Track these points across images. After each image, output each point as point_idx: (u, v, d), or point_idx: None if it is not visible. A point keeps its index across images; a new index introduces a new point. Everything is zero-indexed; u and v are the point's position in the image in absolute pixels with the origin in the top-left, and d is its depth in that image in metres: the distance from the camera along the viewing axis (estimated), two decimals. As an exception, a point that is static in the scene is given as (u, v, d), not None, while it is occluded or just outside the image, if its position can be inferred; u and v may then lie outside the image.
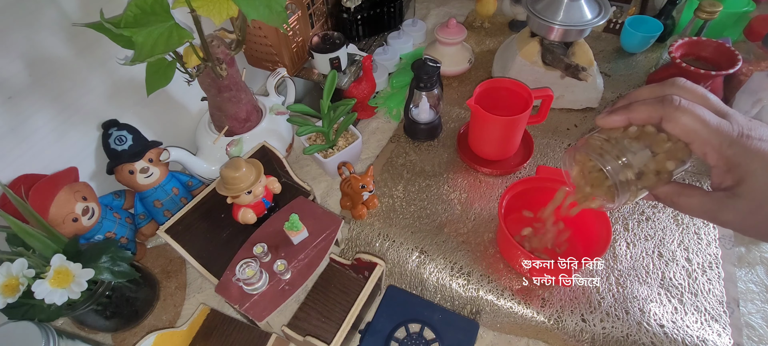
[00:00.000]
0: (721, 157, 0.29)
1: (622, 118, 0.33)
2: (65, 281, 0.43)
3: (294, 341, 0.49)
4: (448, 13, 1.03)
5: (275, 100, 0.69)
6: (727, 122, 0.29)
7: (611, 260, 0.55)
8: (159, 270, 0.61)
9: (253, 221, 0.55)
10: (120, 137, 0.57)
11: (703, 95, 0.31)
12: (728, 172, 0.29)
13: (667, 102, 0.30)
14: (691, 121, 0.29)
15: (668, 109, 0.30)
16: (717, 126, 0.29)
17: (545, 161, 0.68)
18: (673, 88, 0.32)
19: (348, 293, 0.55)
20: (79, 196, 0.52)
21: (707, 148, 0.29)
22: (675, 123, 0.30)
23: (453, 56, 0.81)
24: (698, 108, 0.29)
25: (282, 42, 0.72)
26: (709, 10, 0.71)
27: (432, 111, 0.68)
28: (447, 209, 0.62)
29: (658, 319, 0.50)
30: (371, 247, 0.60)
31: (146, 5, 0.39)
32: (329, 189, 0.68)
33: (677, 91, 0.31)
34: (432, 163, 0.69)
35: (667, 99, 0.30)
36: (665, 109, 0.30)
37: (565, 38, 0.66)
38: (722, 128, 0.29)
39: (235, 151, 0.62)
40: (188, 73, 0.51)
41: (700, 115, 0.29)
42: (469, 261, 0.56)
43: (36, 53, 0.49)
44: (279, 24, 0.42)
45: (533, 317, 0.51)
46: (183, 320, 0.57)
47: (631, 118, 0.32)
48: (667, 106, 0.30)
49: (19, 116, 0.49)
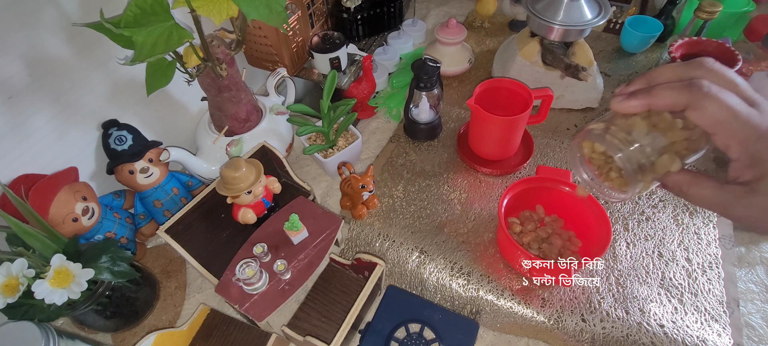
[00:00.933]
0: (746, 152, 0.27)
1: (641, 103, 0.29)
2: (65, 281, 0.43)
3: (294, 341, 0.49)
4: (448, 13, 1.03)
5: (275, 100, 0.69)
6: (756, 113, 0.26)
7: (611, 260, 0.55)
8: (159, 270, 0.61)
9: (253, 221, 0.55)
10: (120, 137, 0.57)
11: (732, 80, 0.28)
12: (750, 166, 0.27)
13: (695, 88, 0.27)
14: (721, 111, 0.26)
15: (696, 96, 0.27)
16: (746, 118, 0.26)
17: (545, 161, 0.68)
18: (700, 69, 0.28)
19: (348, 293, 0.55)
20: (79, 196, 0.52)
21: (732, 140, 0.27)
22: (702, 112, 0.27)
23: (453, 56, 0.81)
24: (729, 96, 0.26)
25: (282, 42, 0.72)
26: (709, 10, 0.71)
27: (432, 111, 0.68)
28: (447, 209, 0.62)
29: (658, 319, 0.50)
30: (371, 247, 0.60)
31: (146, 5, 0.39)
32: (329, 189, 0.68)
33: (706, 75, 0.28)
34: (432, 163, 0.69)
35: (696, 84, 0.27)
36: (693, 95, 0.27)
37: (565, 38, 0.66)
38: (752, 120, 0.26)
39: (235, 151, 0.62)
40: (188, 73, 0.51)
41: (731, 105, 0.26)
42: (469, 261, 0.56)
43: (36, 53, 0.49)
44: (279, 24, 0.42)
45: (533, 317, 0.51)
46: (183, 320, 0.57)
47: (652, 104, 0.29)
48: (695, 93, 0.27)
49: (19, 116, 0.49)
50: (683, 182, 0.30)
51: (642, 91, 0.29)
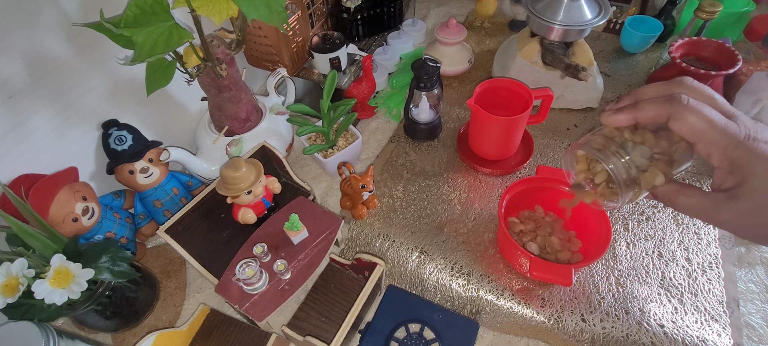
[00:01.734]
0: (726, 159, 0.29)
1: (628, 117, 0.32)
2: (65, 281, 0.43)
3: (294, 341, 0.49)
4: (448, 13, 1.03)
5: (275, 100, 0.69)
6: (734, 124, 0.29)
7: (611, 260, 0.55)
8: (159, 270, 0.61)
9: (253, 221, 0.55)
10: (120, 137, 0.57)
11: (710, 96, 0.30)
12: (731, 173, 0.29)
13: (675, 101, 0.30)
14: (699, 121, 0.29)
15: (676, 108, 0.30)
16: (724, 127, 0.29)
17: (545, 161, 0.68)
18: (680, 87, 0.31)
19: (348, 293, 0.55)
20: (79, 196, 0.52)
21: (712, 148, 0.29)
22: (682, 122, 0.29)
23: (453, 56, 0.81)
24: (706, 108, 0.29)
25: (282, 42, 0.72)
26: (709, 10, 0.71)
27: (432, 111, 0.68)
28: (447, 209, 0.62)
29: (658, 319, 0.50)
30: (371, 247, 0.60)
31: (146, 5, 0.39)
32: (329, 189, 0.68)
33: (685, 91, 0.31)
34: (432, 163, 0.69)
35: (675, 98, 0.30)
36: (673, 107, 0.30)
37: (565, 38, 0.66)
38: (729, 129, 0.29)
39: (235, 151, 0.62)
40: (188, 73, 0.51)
41: (708, 116, 0.29)
42: (469, 261, 0.56)
43: (36, 53, 0.49)
44: (279, 24, 0.42)
45: (533, 317, 0.51)
46: (183, 320, 0.57)
47: (637, 117, 0.32)
48: (675, 105, 0.30)
49: (19, 116, 0.49)
50: (671, 191, 0.33)
51: (628, 106, 0.32)
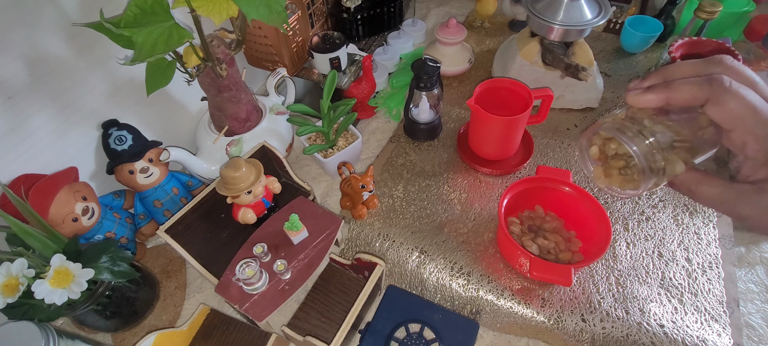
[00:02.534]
0: (763, 149, 0.27)
1: (660, 97, 0.28)
2: (65, 281, 0.43)
3: (294, 341, 0.49)
4: (448, 13, 1.03)
5: (275, 100, 0.69)
6: None
7: (611, 260, 0.55)
8: (159, 270, 0.61)
9: (253, 221, 0.55)
10: (120, 137, 0.57)
11: (752, 79, 0.27)
12: (765, 164, 0.27)
13: (716, 83, 0.26)
14: (741, 107, 0.26)
15: (717, 91, 0.26)
16: (767, 116, 0.26)
17: (545, 161, 0.68)
18: (720, 66, 0.28)
19: (348, 293, 0.55)
20: (79, 196, 0.52)
21: (749, 137, 0.27)
22: (722, 107, 0.26)
23: (453, 56, 0.81)
24: (750, 93, 0.26)
25: (282, 42, 0.72)
26: (709, 10, 0.71)
27: (432, 111, 0.68)
28: (447, 209, 0.62)
29: (658, 319, 0.50)
30: (371, 247, 0.60)
31: (146, 5, 0.39)
32: (329, 189, 0.68)
33: (725, 71, 0.27)
34: (432, 163, 0.69)
35: (716, 79, 0.27)
36: (713, 90, 0.26)
37: (565, 38, 0.66)
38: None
39: (235, 151, 0.62)
40: (188, 73, 0.51)
41: (752, 102, 0.26)
42: (469, 261, 0.56)
43: (36, 53, 0.49)
44: (279, 24, 0.42)
45: (533, 317, 0.51)
46: (183, 320, 0.57)
47: (670, 98, 0.28)
48: (717, 88, 0.26)
49: (19, 116, 0.49)
50: (692, 180, 0.30)
51: (660, 86, 0.29)
